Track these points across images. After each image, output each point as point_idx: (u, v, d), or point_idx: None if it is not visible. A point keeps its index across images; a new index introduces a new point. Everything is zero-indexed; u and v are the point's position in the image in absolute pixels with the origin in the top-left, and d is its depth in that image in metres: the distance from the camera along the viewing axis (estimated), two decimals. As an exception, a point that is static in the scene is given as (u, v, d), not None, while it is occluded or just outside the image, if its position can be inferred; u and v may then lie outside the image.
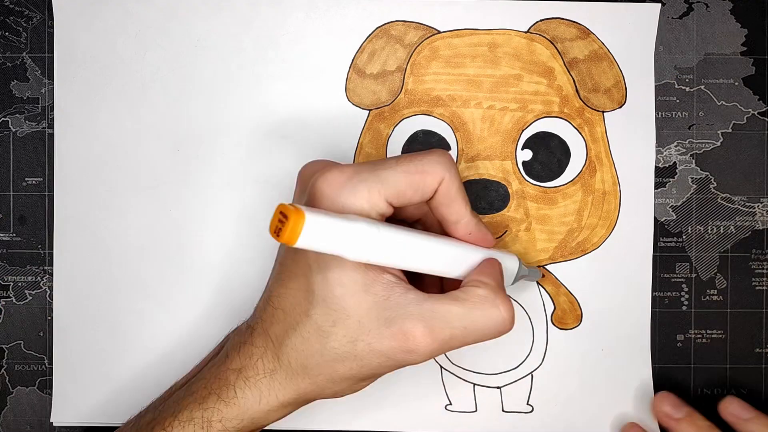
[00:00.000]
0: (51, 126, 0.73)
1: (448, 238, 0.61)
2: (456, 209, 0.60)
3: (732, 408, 0.71)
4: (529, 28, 0.73)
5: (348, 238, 0.53)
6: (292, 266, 0.59)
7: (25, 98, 0.74)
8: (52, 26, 0.73)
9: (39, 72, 0.74)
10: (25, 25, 0.74)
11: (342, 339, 0.57)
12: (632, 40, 0.73)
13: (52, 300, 0.74)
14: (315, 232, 0.51)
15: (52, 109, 0.73)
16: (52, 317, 0.74)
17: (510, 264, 0.65)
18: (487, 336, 0.58)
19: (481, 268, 0.61)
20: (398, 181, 0.57)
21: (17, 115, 0.74)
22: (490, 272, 0.61)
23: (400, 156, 0.58)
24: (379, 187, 0.56)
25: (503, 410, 0.74)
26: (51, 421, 0.73)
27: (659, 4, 0.73)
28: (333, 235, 0.52)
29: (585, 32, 0.73)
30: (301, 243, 0.51)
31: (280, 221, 0.51)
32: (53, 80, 0.73)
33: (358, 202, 0.56)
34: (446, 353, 0.71)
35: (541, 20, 0.73)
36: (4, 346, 0.74)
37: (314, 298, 0.57)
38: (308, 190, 0.58)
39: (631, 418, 0.74)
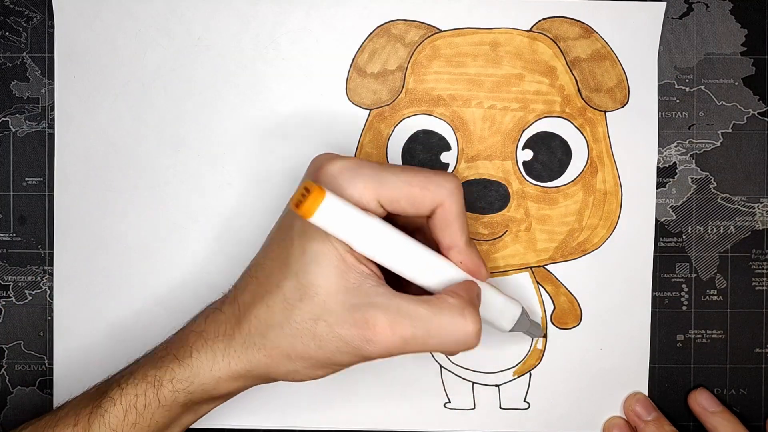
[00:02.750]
0: (51, 126, 0.72)
1: (445, 260, 0.60)
2: (450, 234, 0.59)
3: (701, 399, 0.71)
4: (532, 27, 0.71)
5: (358, 228, 0.55)
6: (277, 240, 0.59)
7: (25, 98, 0.72)
8: (52, 26, 0.72)
9: (39, 72, 0.72)
10: (25, 25, 0.72)
11: (305, 315, 0.56)
12: (636, 39, 0.71)
13: (52, 300, 0.72)
14: (331, 212, 0.53)
15: (52, 109, 0.72)
16: (52, 317, 0.72)
17: (511, 310, 0.64)
18: (450, 345, 0.56)
19: (459, 284, 0.59)
20: (396, 187, 0.56)
21: (17, 115, 0.72)
22: (466, 289, 0.59)
23: (411, 167, 0.58)
24: (375, 186, 0.56)
25: (501, 407, 0.72)
26: None
27: (664, 3, 0.71)
28: (345, 220, 0.54)
29: (588, 31, 0.71)
30: (316, 218, 0.53)
31: (303, 195, 0.52)
32: (53, 80, 0.72)
33: (350, 191, 0.56)
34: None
35: (543, 19, 0.71)
36: (4, 346, 0.73)
37: (288, 270, 0.56)
38: (315, 172, 0.58)
39: (630, 417, 0.72)
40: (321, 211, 0.52)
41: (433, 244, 0.60)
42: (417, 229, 0.63)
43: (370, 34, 0.71)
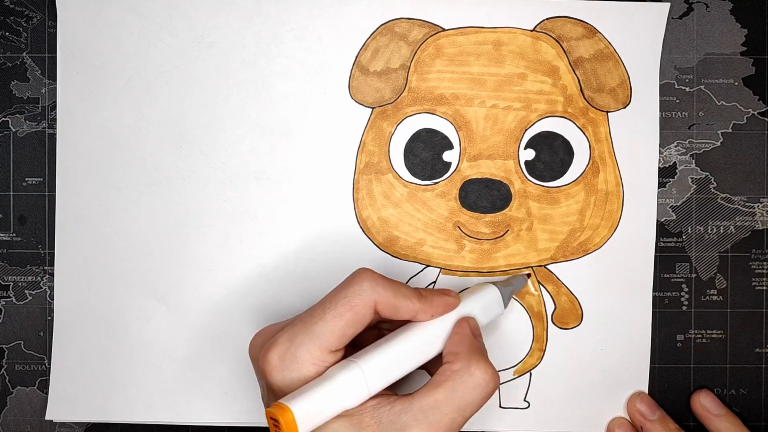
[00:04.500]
0: (51, 126, 0.71)
1: (416, 326, 0.60)
2: (404, 311, 0.59)
3: (704, 402, 0.70)
4: (535, 27, 0.71)
5: (339, 395, 0.54)
6: None
7: (25, 98, 0.72)
8: (52, 26, 0.71)
9: (39, 72, 0.72)
10: (25, 25, 0.72)
11: None
12: (639, 39, 0.71)
13: (52, 300, 0.72)
14: (310, 415, 0.52)
15: (52, 109, 0.71)
16: (52, 317, 0.72)
17: (491, 296, 0.65)
18: (480, 402, 0.56)
19: (450, 339, 0.60)
20: (333, 329, 0.56)
21: (17, 115, 0.72)
22: (459, 340, 0.59)
23: (325, 299, 0.58)
24: (318, 343, 0.55)
25: (500, 406, 0.72)
26: (46, 418, 0.71)
27: (668, 4, 0.71)
28: (326, 404, 0.53)
29: (591, 31, 0.71)
30: (305, 428, 0.52)
31: (276, 425, 0.52)
32: (54, 80, 0.71)
33: (305, 369, 0.55)
34: None
35: (547, 18, 0.71)
36: (4, 346, 0.72)
37: None
38: (261, 378, 0.57)
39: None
40: (303, 424, 0.52)
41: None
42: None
43: (374, 32, 0.70)
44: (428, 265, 0.70)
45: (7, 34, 0.71)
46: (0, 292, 0.72)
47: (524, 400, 0.71)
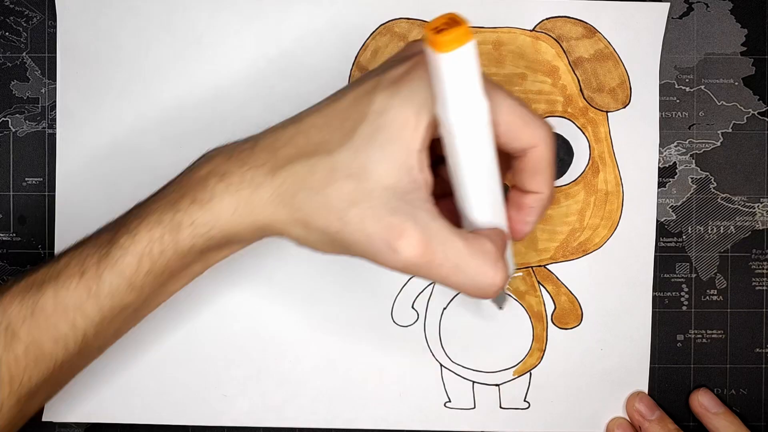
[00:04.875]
0: (51, 126, 0.71)
1: (505, 204, 0.57)
2: (539, 182, 0.55)
3: (703, 400, 0.70)
4: (535, 27, 0.71)
5: (470, 100, 0.49)
6: (346, 106, 0.53)
7: (25, 98, 0.72)
8: (52, 26, 0.71)
9: (39, 72, 0.71)
10: (25, 25, 0.71)
11: (344, 194, 0.51)
12: (639, 39, 0.71)
13: None
14: (465, 61, 0.47)
15: (51, 109, 0.71)
16: None
17: None
18: (469, 289, 0.53)
19: (497, 231, 0.56)
20: (503, 108, 0.52)
21: (17, 115, 0.72)
22: (503, 239, 0.56)
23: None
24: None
25: (501, 407, 0.71)
26: (44, 419, 0.71)
27: (668, 4, 0.71)
28: (468, 82, 0.48)
29: (591, 31, 0.71)
30: (449, 57, 0.46)
31: (446, 23, 0.46)
32: (53, 80, 0.71)
33: None
34: (447, 351, 0.70)
35: (546, 18, 0.70)
36: None
37: (349, 142, 0.52)
38: (413, 56, 0.53)
39: (629, 417, 0.72)
40: (460, 52, 0.46)
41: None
42: None
43: (373, 32, 0.70)
44: (428, 265, 0.70)
45: (7, 34, 0.71)
46: (0, 292, 0.72)
47: (524, 401, 0.71)
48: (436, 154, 0.55)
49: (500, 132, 0.52)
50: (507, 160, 0.56)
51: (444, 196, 0.57)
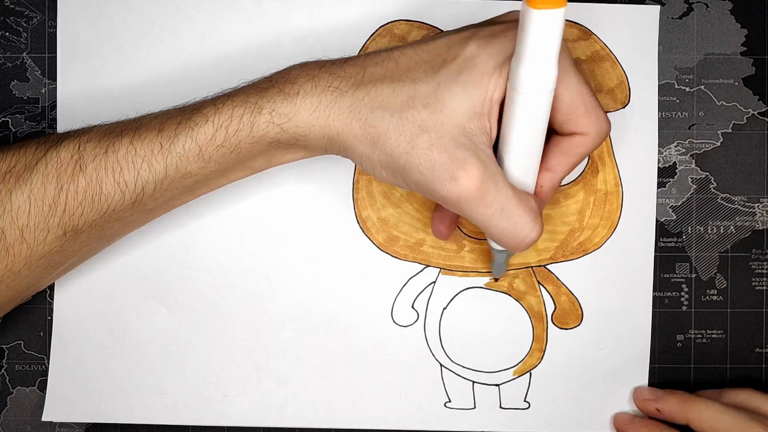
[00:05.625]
0: (51, 126, 0.71)
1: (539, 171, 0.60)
2: (560, 162, 0.60)
3: (639, 394, 0.70)
4: None
5: (545, 63, 0.52)
6: (440, 46, 0.58)
7: (25, 98, 0.72)
8: (52, 26, 0.71)
9: (39, 72, 0.72)
10: (25, 25, 0.72)
11: (418, 119, 0.55)
12: (634, 40, 0.71)
13: (51, 300, 0.71)
14: (553, 22, 0.50)
15: (52, 109, 0.71)
16: (51, 317, 0.71)
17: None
18: (506, 234, 0.57)
19: (535, 199, 0.60)
20: (570, 90, 0.57)
21: (17, 115, 0.72)
22: (540, 204, 0.60)
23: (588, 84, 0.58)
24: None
25: (501, 407, 0.71)
26: (43, 419, 0.71)
27: (658, 6, 0.71)
28: (550, 44, 0.51)
29: (586, 33, 0.71)
30: (540, 13, 0.49)
31: None
32: (54, 80, 0.71)
33: None
34: (442, 346, 0.71)
35: None
36: (4, 346, 0.72)
37: (434, 75, 0.56)
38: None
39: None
40: (550, 13, 0.49)
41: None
42: None
43: (373, 34, 0.71)
44: (428, 266, 0.70)
45: (7, 34, 0.71)
46: (0, 292, 0.72)
47: (524, 401, 0.71)
48: None
49: (560, 109, 0.56)
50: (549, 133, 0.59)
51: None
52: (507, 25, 0.57)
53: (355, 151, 0.58)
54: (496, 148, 0.58)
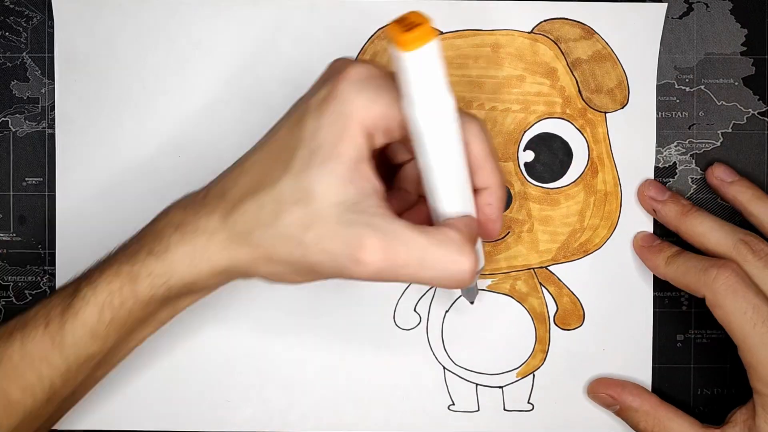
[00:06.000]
0: (51, 126, 0.71)
1: (472, 195, 0.58)
2: (484, 176, 0.57)
3: (717, 172, 0.69)
4: (533, 29, 0.71)
5: (435, 96, 0.51)
6: (282, 137, 0.56)
7: (25, 98, 0.71)
8: (52, 26, 0.71)
9: (39, 72, 0.71)
10: (25, 25, 0.71)
11: (296, 220, 0.53)
12: (636, 40, 0.71)
13: None
14: (429, 58, 0.49)
15: (52, 109, 0.71)
16: None
17: None
18: (442, 281, 0.54)
19: (461, 218, 0.57)
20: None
21: (17, 115, 0.72)
22: (468, 224, 0.56)
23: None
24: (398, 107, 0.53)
25: (504, 409, 0.72)
26: None
27: (665, 4, 0.71)
28: (433, 78, 0.50)
29: (589, 32, 0.71)
30: (414, 55, 0.48)
31: (409, 23, 0.48)
32: (53, 80, 0.71)
33: (377, 101, 0.53)
34: (440, 351, 0.71)
35: (544, 20, 0.71)
36: None
37: (289, 169, 0.53)
38: (335, 74, 0.55)
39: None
40: (424, 50, 0.48)
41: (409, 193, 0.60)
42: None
43: (371, 36, 0.70)
44: (428, 268, 0.70)
45: (7, 34, 0.71)
46: (0, 292, 0.71)
47: (528, 402, 0.71)
48: (392, 164, 0.58)
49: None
50: None
51: (408, 209, 0.60)
52: (333, 83, 0.55)
53: (258, 273, 0.56)
54: (392, 184, 0.58)
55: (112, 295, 0.56)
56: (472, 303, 0.70)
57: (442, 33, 0.69)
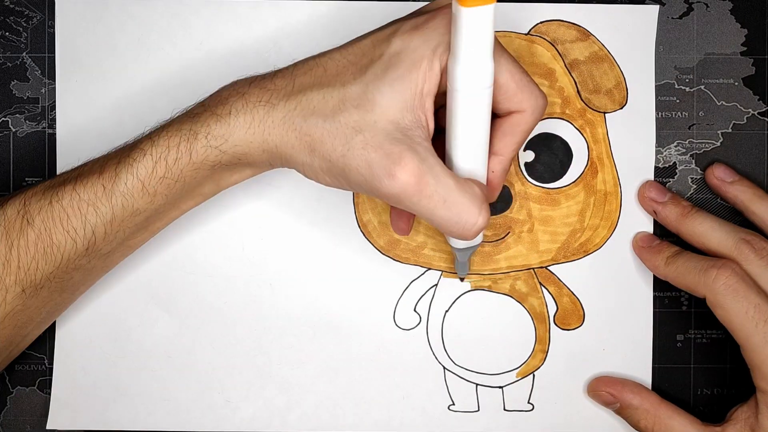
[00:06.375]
0: (51, 126, 0.71)
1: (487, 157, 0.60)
2: (507, 144, 0.60)
3: (717, 172, 0.70)
4: (530, 31, 0.71)
5: (481, 56, 0.53)
6: (365, 47, 0.58)
7: (25, 98, 0.71)
8: (52, 26, 0.71)
9: (39, 72, 0.71)
10: (25, 25, 0.71)
11: (351, 122, 0.56)
12: (632, 41, 0.71)
13: None
14: (484, 18, 0.51)
15: (51, 109, 0.71)
16: (54, 324, 0.71)
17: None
18: (452, 225, 0.57)
19: (482, 185, 0.59)
20: (501, 71, 0.57)
21: (17, 115, 0.72)
22: (495, 188, 0.62)
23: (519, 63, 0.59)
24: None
25: (505, 409, 0.72)
26: (48, 427, 0.71)
27: (657, 6, 0.71)
28: (484, 38, 0.52)
29: (585, 34, 0.71)
30: (471, 11, 0.50)
31: None
32: (53, 80, 0.71)
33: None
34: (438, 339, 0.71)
35: (541, 22, 0.71)
36: None
37: (362, 77, 0.56)
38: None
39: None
40: (481, 10, 0.50)
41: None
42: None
43: (372, 36, 0.70)
44: (429, 269, 0.70)
45: (7, 34, 0.71)
46: (0, 293, 0.72)
47: (528, 402, 0.71)
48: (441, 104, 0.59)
49: (494, 92, 0.56)
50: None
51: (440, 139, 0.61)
52: (431, 14, 0.57)
53: (296, 161, 0.58)
54: (437, 137, 0.58)
55: (169, 150, 0.58)
56: (462, 280, 0.71)
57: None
